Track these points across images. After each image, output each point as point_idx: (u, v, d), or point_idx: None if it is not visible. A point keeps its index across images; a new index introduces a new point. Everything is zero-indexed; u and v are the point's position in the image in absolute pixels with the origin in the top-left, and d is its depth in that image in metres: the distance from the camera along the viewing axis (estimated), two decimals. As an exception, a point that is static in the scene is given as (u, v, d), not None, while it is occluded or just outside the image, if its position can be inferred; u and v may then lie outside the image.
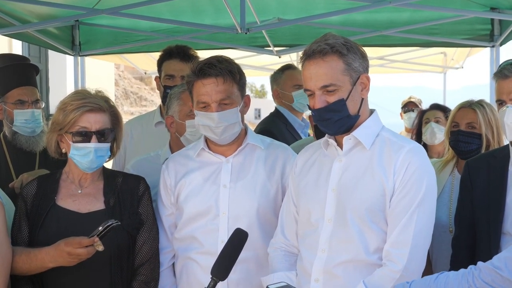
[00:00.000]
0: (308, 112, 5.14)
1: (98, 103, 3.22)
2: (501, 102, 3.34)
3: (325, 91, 2.83)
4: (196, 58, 4.74)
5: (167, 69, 4.75)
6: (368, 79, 2.93)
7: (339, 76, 2.83)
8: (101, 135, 3.20)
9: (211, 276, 2.56)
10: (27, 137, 4.33)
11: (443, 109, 5.61)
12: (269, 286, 2.48)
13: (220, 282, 2.57)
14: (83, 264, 3.03)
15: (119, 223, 3.00)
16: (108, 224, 2.95)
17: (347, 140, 2.93)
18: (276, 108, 5.50)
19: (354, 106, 2.88)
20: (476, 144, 4.05)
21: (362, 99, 2.92)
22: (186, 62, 4.66)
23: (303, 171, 3.10)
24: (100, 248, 2.95)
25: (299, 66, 3.26)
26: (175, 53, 4.76)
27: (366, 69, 2.94)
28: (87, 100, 3.20)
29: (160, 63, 4.85)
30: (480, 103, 4.15)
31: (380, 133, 2.96)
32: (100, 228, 2.95)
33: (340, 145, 2.98)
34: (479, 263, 2.41)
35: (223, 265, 2.60)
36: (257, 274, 3.24)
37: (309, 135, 5.60)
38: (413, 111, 7.59)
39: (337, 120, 2.86)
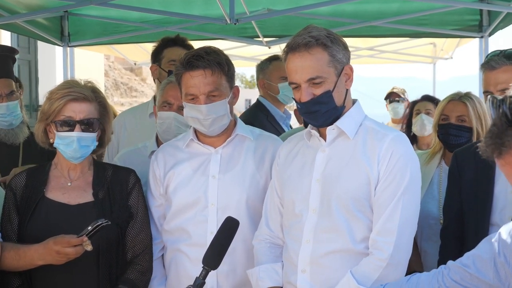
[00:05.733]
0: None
1: (83, 92, 3.19)
2: (488, 94, 3.34)
3: (311, 83, 2.84)
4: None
5: (170, 55, 4.77)
6: (351, 69, 2.95)
7: (324, 68, 2.84)
8: (86, 125, 3.17)
9: (202, 265, 2.56)
10: (6, 130, 4.27)
11: (434, 101, 5.63)
12: None
13: (209, 273, 2.57)
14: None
15: (109, 222, 2.98)
16: (98, 223, 2.93)
17: (330, 130, 2.94)
18: (258, 100, 5.48)
19: (339, 97, 2.90)
20: (465, 138, 4.06)
21: (347, 90, 2.94)
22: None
23: (286, 162, 3.11)
24: (89, 248, 2.93)
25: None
26: (179, 42, 4.83)
27: (348, 59, 2.95)
28: (72, 89, 3.18)
29: (160, 50, 4.85)
30: (469, 96, 4.16)
31: (363, 122, 2.98)
32: (90, 227, 2.93)
33: (323, 135, 2.99)
34: (449, 262, 2.41)
35: (215, 253, 2.59)
36: (246, 265, 3.24)
37: (291, 127, 5.59)
38: (398, 101, 7.58)
39: (325, 112, 2.87)
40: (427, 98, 5.72)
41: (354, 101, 3.02)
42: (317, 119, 2.89)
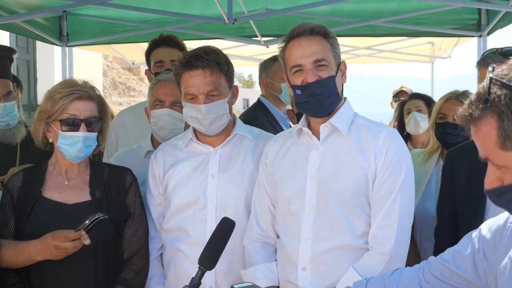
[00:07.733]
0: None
1: (87, 91, 3.20)
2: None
3: (316, 65, 2.89)
4: (182, 45, 4.80)
5: (156, 57, 4.82)
6: (345, 66, 3.01)
7: (328, 54, 2.91)
8: (89, 124, 3.18)
9: (198, 265, 2.57)
10: (4, 131, 4.30)
11: (423, 98, 5.64)
12: (233, 286, 2.45)
13: (208, 272, 2.57)
14: (69, 255, 3.02)
15: (106, 216, 2.99)
16: (95, 217, 2.93)
17: (324, 127, 2.97)
18: (258, 99, 5.49)
19: (339, 87, 2.95)
20: (463, 136, 4.06)
21: (342, 84, 2.99)
22: (174, 48, 4.76)
23: (276, 161, 3.12)
24: (87, 242, 2.94)
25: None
26: (161, 41, 4.86)
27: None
28: (76, 88, 3.18)
29: (148, 54, 4.92)
30: (466, 95, 4.17)
31: (354, 119, 3.02)
32: (87, 221, 2.93)
33: (315, 133, 3.01)
34: (431, 258, 2.40)
35: (211, 254, 2.59)
36: (245, 264, 3.23)
37: (290, 127, 5.59)
38: None
39: (328, 97, 2.90)
40: (416, 96, 5.74)
41: (344, 99, 3.05)
42: (321, 103, 2.90)
